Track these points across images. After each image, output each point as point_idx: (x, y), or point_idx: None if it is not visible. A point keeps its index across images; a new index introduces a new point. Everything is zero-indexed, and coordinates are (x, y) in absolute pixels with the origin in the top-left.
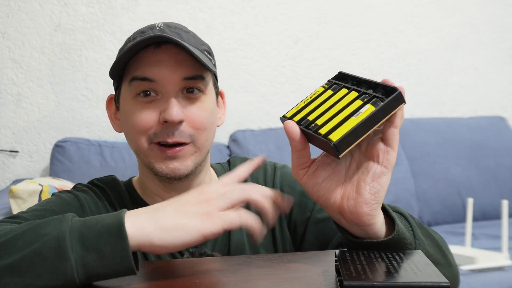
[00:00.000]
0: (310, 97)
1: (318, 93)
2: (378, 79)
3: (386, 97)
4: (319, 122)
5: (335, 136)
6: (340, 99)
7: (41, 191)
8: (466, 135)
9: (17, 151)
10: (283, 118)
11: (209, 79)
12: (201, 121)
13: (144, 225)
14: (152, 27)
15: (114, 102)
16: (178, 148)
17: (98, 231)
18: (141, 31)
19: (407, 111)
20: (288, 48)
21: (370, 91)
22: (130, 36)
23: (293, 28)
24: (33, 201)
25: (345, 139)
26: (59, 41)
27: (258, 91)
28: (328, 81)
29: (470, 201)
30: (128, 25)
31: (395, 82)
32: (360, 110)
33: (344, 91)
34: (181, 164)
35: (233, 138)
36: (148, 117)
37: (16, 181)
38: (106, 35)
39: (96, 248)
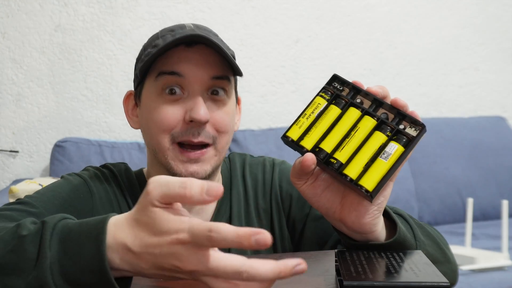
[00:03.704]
0: (313, 112)
1: (321, 106)
2: (377, 79)
3: (408, 127)
4: (341, 158)
5: (367, 183)
6: (354, 125)
7: None
8: (466, 135)
9: (17, 151)
10: (286, 139)
11: (232, 83)
12: (225, 124)
13: (128, 272)
14: (182, 27)
15: (133, 98)
16: (199, 152)
17: (80, 267)
18: (170, 29)
19: None
20: (288, 48)
21: (384, 116)
22: (157, 34)
23: (293, 28)
24: None
25: (379, 185)
26: (59, 41)
27: (258, 91)
28: (325, 88)
29: (470, 201)
30: (128, 25)
31: (395, 82)
32: (388, 151)
33: (353, 111)
34: (201, 168)
35: (233, 138)
36: (173, 115)
37: (16, 181)
38: (106, 35)
39: (81, 285)
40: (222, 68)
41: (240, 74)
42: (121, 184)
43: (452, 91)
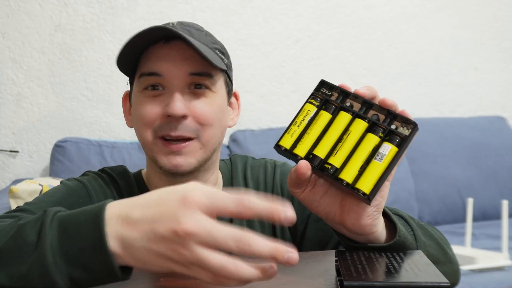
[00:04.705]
0: (303, 119)
1: (311, 113)
2: (377, 79)
3: (400, 127)
4: (335, 162)
5: (364, 186)
6: (346, 129)
7: (41, 191)
8: (466, 135)
9: (17, 151)
10: (279, 148)
11: (219, 77)
12: (206, 116)
13: (120, 255)
14: (166, 25)
15: (128, 98)
16: (183, 144)
17: (80, 245)
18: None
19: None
20: (288, 48)
21: (375, 117)
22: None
23: (293, 28)
24: None
25: (375, 187)
26: (59, 41)
27: (258, 91)
28: (313, 95)
29: (470, 201)
30: (128, 25)
31: (395, 82)
32: (382, 152)
33: (344, 115)
34: (185, 161)
35: (233, 138)
36: (153, 110)
37: (16, 181)
38: (106, 35)
39: (81, 264)
40: (202, 64)
41: (220, 69)
42: (120, 187)
43: (452, 91)
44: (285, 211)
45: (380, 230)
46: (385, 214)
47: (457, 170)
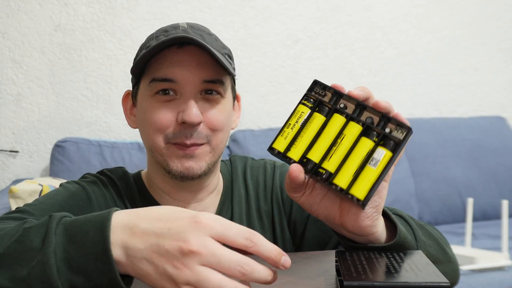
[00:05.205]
0: (297, 121)
1: (304, 115)
2: (377, 79)
3: (394, 130)
4: (329, 167)
5: (358, 192)
6: (340, 132)
7: (41, 191)
8: (466, 135)
9: (17, 151)
10: (272, 151)
11: (228, 83)
12: (218, 122)
13: (122, 264)
14: (175, 27)
15: (131, 98)
16: (193, 148)
17: (84, 252)
18: (164, 30)
19: (407, 111)
20: (288, 48)
21: (369, 120)
22: (153, 34)
23: (293, 28)
24: None
25: (370, 193)
26: (59, 41)
27: (258, 91)
28: (306, 95)
29: (470, 201)
30: (128, 25)
31: (395, 82)
32: (377, 158)
33: (338, 118)
34: (196, 164)
35: (233, 138)
36: (166, 116)
37: (16, 181)
38: (106, 35)
39: (83, 271)
40: (215, 70)
41: (233, 76)
42: (119, 189)
43: (452, 91)
44: (285, 259)
45: (380, 230)
46: (385, 214)
47: (457, 170)
